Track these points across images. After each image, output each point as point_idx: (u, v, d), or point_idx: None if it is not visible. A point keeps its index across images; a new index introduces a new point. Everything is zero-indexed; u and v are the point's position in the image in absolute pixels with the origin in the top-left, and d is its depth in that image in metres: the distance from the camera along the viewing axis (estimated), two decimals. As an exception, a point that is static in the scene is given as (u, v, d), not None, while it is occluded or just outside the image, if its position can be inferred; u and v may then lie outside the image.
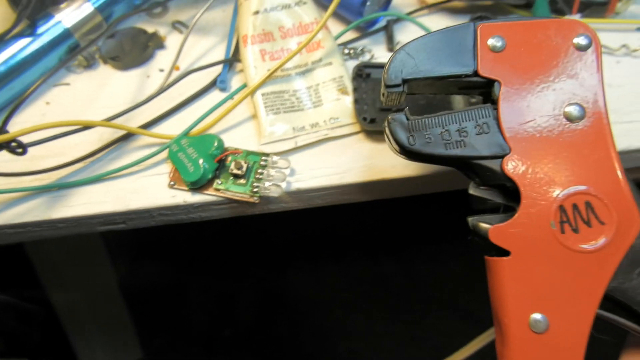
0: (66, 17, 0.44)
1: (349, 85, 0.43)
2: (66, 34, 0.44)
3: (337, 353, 1.25)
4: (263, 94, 0.42)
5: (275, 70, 0.42)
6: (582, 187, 0.26)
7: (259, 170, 0.39)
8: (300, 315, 1.33)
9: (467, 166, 0.28)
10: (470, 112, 0.28)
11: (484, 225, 0.26)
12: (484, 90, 0.29)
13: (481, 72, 0.28)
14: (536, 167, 0.26)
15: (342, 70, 0.44)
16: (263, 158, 0.40)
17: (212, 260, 1.39)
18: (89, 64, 0.46)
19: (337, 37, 0.47)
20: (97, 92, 0.45)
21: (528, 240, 0.25)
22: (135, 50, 0.46)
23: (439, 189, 0.42)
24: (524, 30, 0.28)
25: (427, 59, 0.28)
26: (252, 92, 0.42)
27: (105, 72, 0.46)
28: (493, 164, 0.27)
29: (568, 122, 0.27)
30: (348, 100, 0.42)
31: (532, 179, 0.26)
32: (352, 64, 0.46)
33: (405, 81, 0.28)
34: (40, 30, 0.44)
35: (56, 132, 0.39)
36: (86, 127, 0.40)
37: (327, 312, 1.33)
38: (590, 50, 0.28)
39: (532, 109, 0.27)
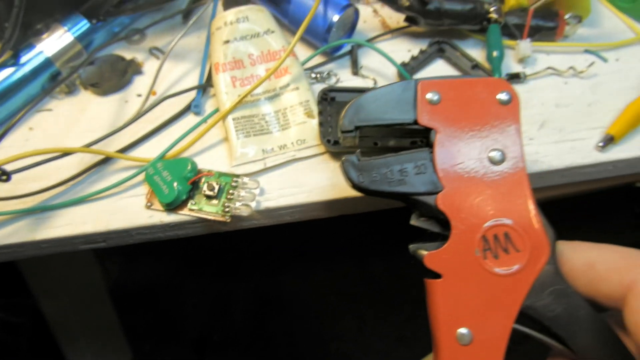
0: (47, 47, 0.47)
1: (315, 109, 0.46)
2: (48, 63, 0.47)
3: (329, 354, 1.28)
4: (234, 119, 0.45)
5: (245, 96, 0.45)
6: (501, 220, 0.29)
7: (230, 191, 0.42)
8: (292, 317, 1.35)
9: (408, 200, 0.32)
10: (411, 155, 0.32)
11: (421, 252, 0.30)
12: (423, 136, 0.33)
13: (420, 121, 0.32)
14: (464, 203, 0.30)
15: (308, 94, 0.47)
16: (234, 179, 0.42)
17: (203, 264, 1.41)
18: (70, 91, 0.49)
19: (304, 62, 0.50)
20: (78, 117, 0.48)
21: (456, 265, 0.29)
22: (114, 77, 0.49)
23: (398, 205, 0.45)
24: (456, 87, 0.32)
25: (375, 109, 0.33)
26: (224, 117, 0.45)
27: (85, 98, 0.49)
28: (428, 199, 0.31)
29: (491, 165, 0.31)
30: (314, 123, 0.46)
31: (461, 213, 0.30)
32: (320, 87, 0.49)
33: (357, 127, 0.33)
34: (23, 59, 0.46)
35: (39, 159, 0.41)
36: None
37: (318, 313, 1.35)
38: (510, 105, 0.32)
39: (462, 153, 0.31)
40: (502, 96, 0.32)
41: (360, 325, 1.31)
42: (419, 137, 0.35)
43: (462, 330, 0.28)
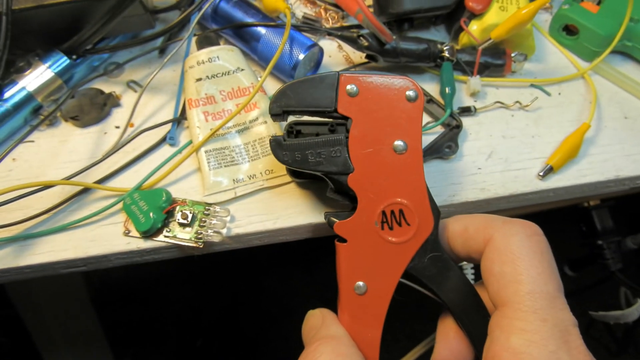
0: (29, 83, 0.50)
1: (282, 141, 0.50)
2: (30, 98, 0.50)
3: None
4: (206, 151, 0.49)
5: (217, 129, 0.48)
6: (398, 199, 0.36)
7: (203, 219, 0.45)
8: (273, 322, 1.38)
9: (326, 177, 0.38)
10: (329, 139, 0.37)
11: (333, 219, 0.37)
12: (342, 122, 0.39)
13: (339, 110, 0.37)
14: (370, 183, 0.36)
15: (276, 127, 0.51)
16: (206, 207, 0.46)
17: (184, 270, 1.43)
18: (52, 123, 0.52)
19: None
20: (59, 149, 0.51)
21: (359, 233, 0.36)
22: (93, 110, 0.52)
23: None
24: (373, 83, 0.37)
25: (300, 96, 0.38)
26: (197, 149, 0.48)
27: (66, 130, 0.52)
28: (341, 178, 0.37)
29: (394, 153, 0.36)
30: (281, 154, 0.49)
31: (367, 191, 0.36)
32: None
33: (284, 111, 0.39)
34: (6, 95, 0.49)
35: (22, 192, 0.44)
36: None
37: (299, 318, 1.38)
38: (416, 103, 0.37)
39: (372, 140, 0.37)
40: (410, 93, 0.37)
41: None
42: (339, 122, 0.40)
43: (359, 283, 0.36)
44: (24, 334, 0.95)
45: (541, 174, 0.51)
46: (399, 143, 0.36)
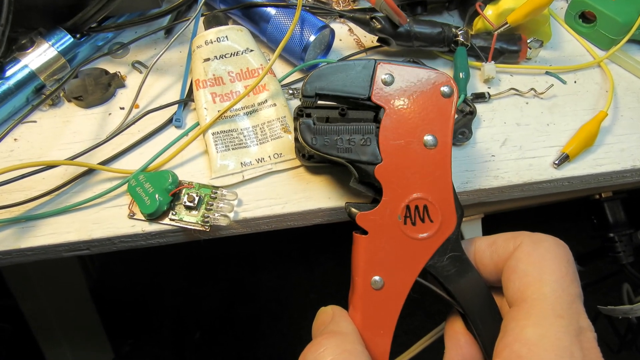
0: (32, 61, 0.49)
1: (291, 124, 0.49)
2: (32, 76, 0.49)
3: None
4: (213, 133, 0.47)
5: (225, 111, 0.47)
6: (423, 195, 0.35)
7: (210, 202, 0.44)
8: (272, 316, 1.38)
9: (352, 166, 0.37)
10: (360, 127, 0.36)
11: (354, 210, 0.36)
12: (374, 110, 0.38)
13: (373, 98, 0.36)
14: (397, 176, 0.35)
15: (285, 110, 0.49)
16: (213, 191, 0.45)
17: (183, 264, 1.43)
18: (54, 103, 0.51)
19: (281, 80, 0.52)
20: (62, 129, 0.49)
21: (380, 226, 0.35)
22: (97, 90, 0.51)
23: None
24: (409, 74, 0.36)
25: (335, 80, 0.37)
26: (204, 132, 0.47)
27: (69, 110, 0.51)
28: (369, 168, 0.36)
29: (424, 147, 0.35)
30: (290, 138, 0.48)
31: (393, 184, 0.35)
32: (296, 103, 0.52)
33: (317, 94, 0.37)
34: (8, 73, 0.48)
35: (24, 172, 0.43)
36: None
37: (298, 312, 1.38)
38: (450, 99, 0.36)
39: (403, 133, 0.36)
40: (445, 89, 0.36)
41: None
42: (371, 110, 0.40)
43: (376, 278, 0.34)
44: (23, 324, 0.94)
45: (556, 162, 0.49)
46: (429, 138, 0.35)
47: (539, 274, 0.31)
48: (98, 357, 1.13)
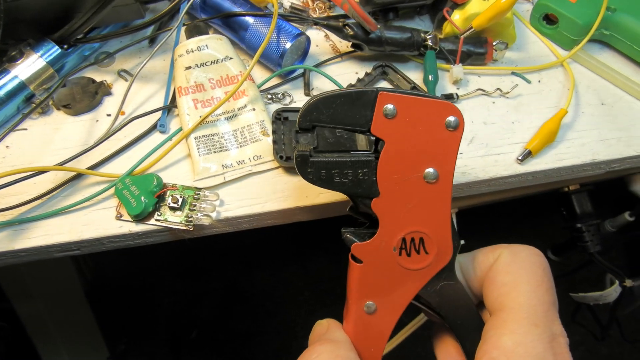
0: (21, 72, 0.51)
1: (270, 128, 0.51)
2: (22, 86, 0.51)
3: (302, 350, 1.33)
4: (196, 137, 0.50)
5: (206, 117, 0.50)
6: (420, 228, 0.35)
7: (193, 203, 0.47)
8: (266, 314, 1.40)
9: (349, 196, 0.37)
10: (358, 161, 0.35)
11: (350, 238, 0.36)
12: (375, 140, 0.37)
13: (373, 131, 0.35)
14: (394, 209, 0.35)
15: (264, 114, 0.52)
16: (196, 192, 0.47)
17: (177, 263, 1.44)
18: (44, 111, 0.53)
19: (260, 85, 0.55)
20: (51, 136, 0.52)
21: (375, 256, 0.35)
22: (85, 98, 0.53)
23: (342, 214, 0.51)
24: (412, 105, 0.34)
25: (334, 111, 0.35)
26: (187, 136, 0.50)
27: (58, 118, 0.53)
28: (366, 201, 0.36)
29: (424, 180, 0.35)
30: (269, 141, 0.51)
31: (389, 217, 0.35)
32: (275, 106, 0.55)
33: (313, 126, 0.35)
34: (-1, 84, 0.50)
35: (16, 177, 0.45)
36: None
37: (292, 310, 1.40)
38: (456, 131, 0.35)
39: (403, 166, 0.35)
40: (451, 120, 0.34)
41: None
42: (373, 139, 0.38)
43: (369, 303, 0.36)
44: (19, 326, 0.96)
45: (520, 158, 0.52)
46: (430, 171, 0.34)
47: (515, 284, 0.33)
48: (93, 356, 1.15)
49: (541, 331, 0.31)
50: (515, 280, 0.33)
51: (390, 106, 0.34)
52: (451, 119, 0.34)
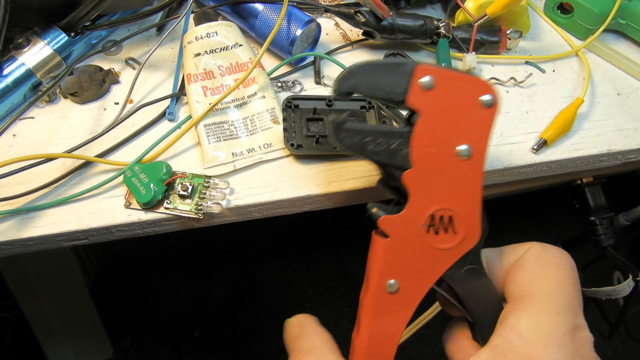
0: (28, 59, 0.50)
1: (280, 115, 0.51)
2: (29, 74, 0.50)
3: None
4: (205, 125, 0.49)
5: (215, 104, 0.49)
6: (450, 205, 0.34)
7: (203, 191, 0.46)
8: (269, 312, 1.39)
9: (380, 166, 0.36)
10: (392, 132, 0.35)
11: (377, 212, 0.34)
12: (408, 113, 0.37)
13: (408, 102, 0.34)
14: (425, 183, 0.34)
15: (274, 102, 0.51)
16: (206, 180, 0.47)
17: (181, 262, 1.44)
18: (51, 99, 0.52)
19: (270, 73, 0.54)
20: (59, 125, 0.51)
21: (403, 232, 0.34)
22: (92, 86, 0.53)
23: (354, 203, 0.50)
24: (449, 79, 0.34)
25: (371, 78, 0.34)
26: (196, 124, 0.49)
27: (65, 106, 0.53)
28: (397, 173, 0.34)
29: (457, 157, 0.34)
30: (279, 128, 0.50)
31: (420, 191, 0.34)
32: (285, 95, 0.54)
33: (349, 93, 0.35)
34: (5, 71, 0.49)
35: (24, 165, 0.45)
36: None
37: (294, 308, 1.39)
38: (491, 109, 0.34)
39: (437, 140, 0.34)
40: (487, 98, 0.34)
41: (337, 319, 1.36)
42: (406, 112, 0.38)
43: (392, 282, 0.34)
44: (24, 322, 0.95)
45: (535, 147, 0.51)
46: (464, 148, 0.34)
47: (542, 274, 0.32)
48: (97, 353, 1.15)
49: (564, 318, 0.30)
50: (543, 271, 0.33)
51: (427, 78, 0.34)
52: (487, 97, 0.34)
